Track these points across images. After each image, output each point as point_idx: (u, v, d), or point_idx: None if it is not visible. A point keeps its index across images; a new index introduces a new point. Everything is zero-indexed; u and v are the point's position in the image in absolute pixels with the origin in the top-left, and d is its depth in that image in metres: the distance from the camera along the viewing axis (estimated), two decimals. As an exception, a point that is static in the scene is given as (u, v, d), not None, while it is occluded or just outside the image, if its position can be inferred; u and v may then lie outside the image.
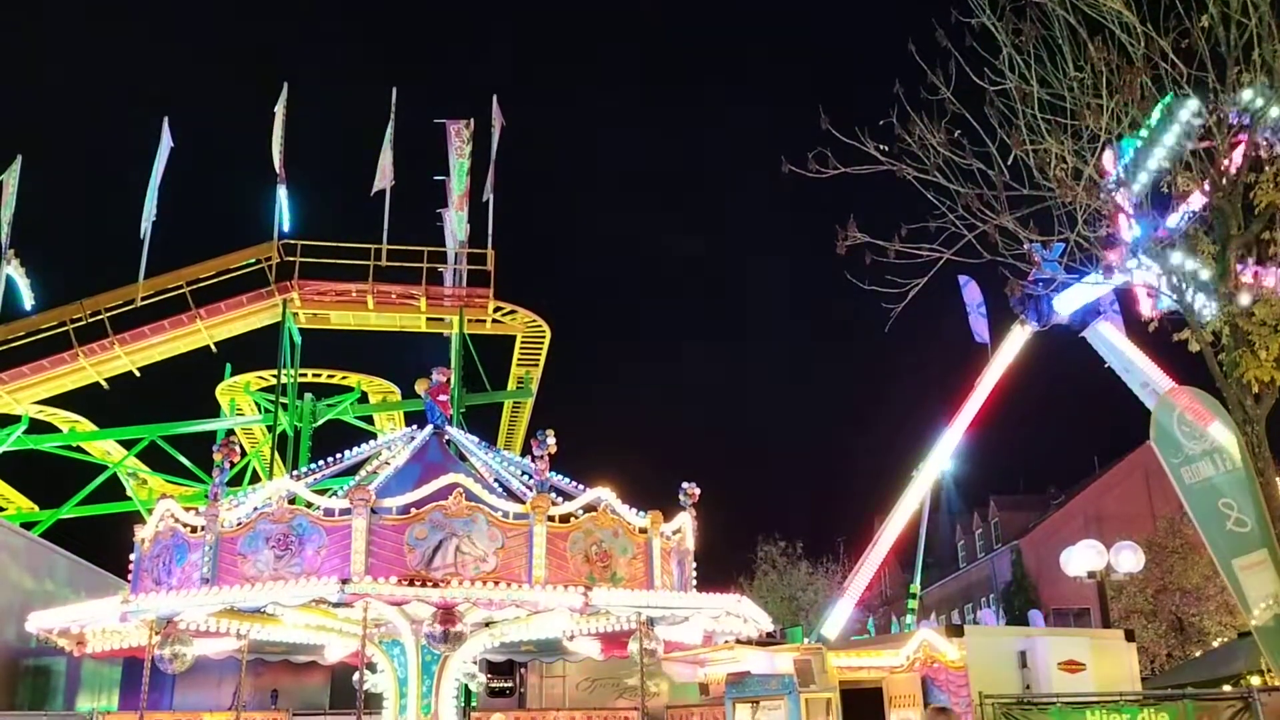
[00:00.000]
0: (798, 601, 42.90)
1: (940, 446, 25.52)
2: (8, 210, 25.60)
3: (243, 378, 29.47)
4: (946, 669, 16.13)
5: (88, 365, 24.91)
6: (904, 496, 25.19)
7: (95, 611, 12.29)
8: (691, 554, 14.14)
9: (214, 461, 12.40)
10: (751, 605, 13.48)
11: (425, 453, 14.52)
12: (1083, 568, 21.83)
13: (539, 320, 27.38)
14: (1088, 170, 10.34)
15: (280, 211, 25.99)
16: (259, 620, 12.94)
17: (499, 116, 27.31)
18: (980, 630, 20.26)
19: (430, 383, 15.45)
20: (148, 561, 12.64)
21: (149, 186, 25.68)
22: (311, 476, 14.16)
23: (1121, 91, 10.20)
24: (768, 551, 45.53)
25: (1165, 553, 30.51)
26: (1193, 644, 29.57)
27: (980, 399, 25.77)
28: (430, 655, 13.03)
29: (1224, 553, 19.61)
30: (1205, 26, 10.20)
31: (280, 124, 26.26)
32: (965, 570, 51.21)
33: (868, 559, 25.19)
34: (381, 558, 11.27)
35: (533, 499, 12.01)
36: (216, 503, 11.96)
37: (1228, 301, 10.46)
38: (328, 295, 26.10)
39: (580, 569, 11.94)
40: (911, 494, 25.17)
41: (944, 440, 25.55)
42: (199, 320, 25.27)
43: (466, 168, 26.81)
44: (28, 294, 25.54)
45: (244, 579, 11.45)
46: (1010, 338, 25.61)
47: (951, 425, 25.63)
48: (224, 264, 25.64)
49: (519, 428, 31.16)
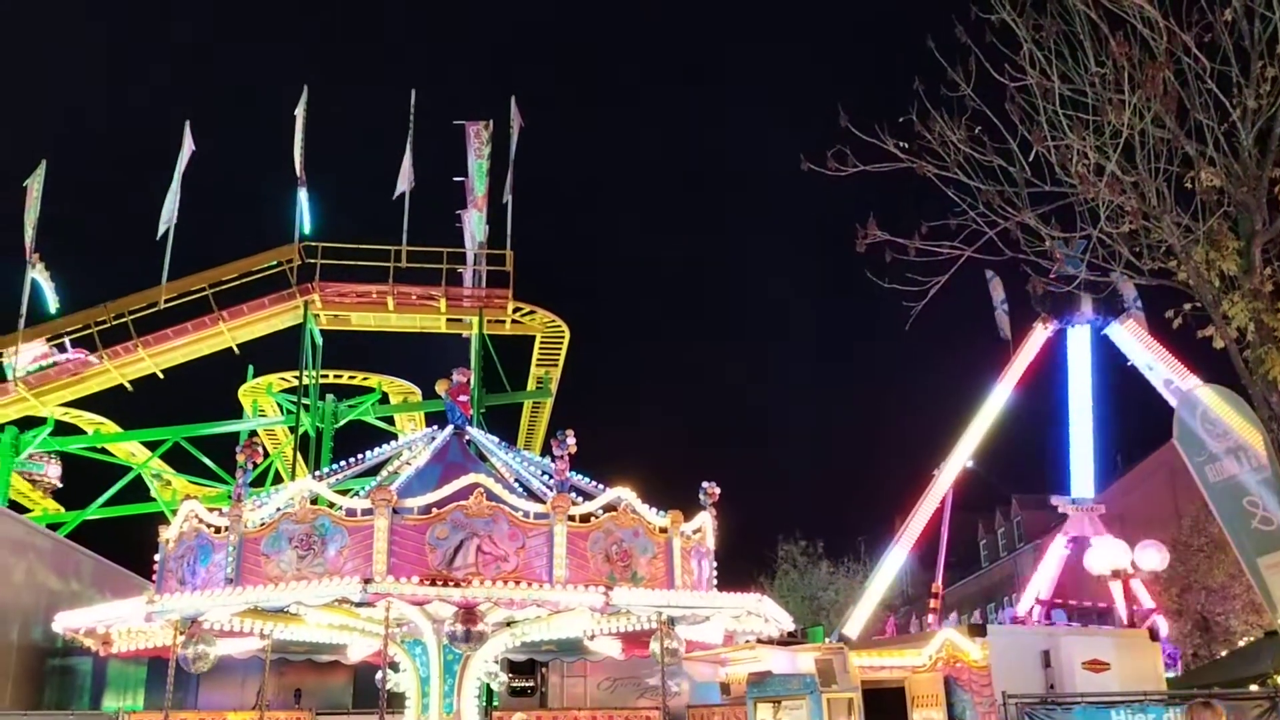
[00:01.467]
0: (819, 601, 42.77)
1: (961, 445, 25.42)
2: (33, 214, 25.85)
3: (265, 379, 29.66)
4: (969, 668, 16.07)
5: (112, 367, 25.12)
6: (925, 495, 25.11)
7: (121, 612, 12.41)
8: (712, 553, 14.13)
9: (237, 462, 12.50)
10: (772, 605, 13.47)
11: (446, 453, 14.58)
12: (1106, 566, 21.70)
13: (558, 320, 27.42)
14: (1110, 166, 10.24)
15: (301, 214, 26.15)
16: (282, 620, 13.03)
17: (518, 118, 27.37)
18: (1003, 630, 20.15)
19: (450, 383, 15.52)
20: (172, 562, 12.75)
21: (170, 189, 25.88)
22: (333, 477, 14.25)
23: (1143, 86, 10.10)
24: (788, 550, 45.42)
25: (1190, 551, 30.20)
26: (1218, 643, 29.27)
27: (1002, 397, 25.66)
28: (452, 655, 13.08)
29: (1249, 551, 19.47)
30: (1229, 20, 10.11)
31: (301, 127, 26.42)
32: (987, 569, 50.94)
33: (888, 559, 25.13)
34: (403, 558, 11.32)
35: (553, 499, 12.04)
36: (240, 503, 12.06)
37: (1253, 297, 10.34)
38: (348, 296, 26.23)
39: (601, 568, 11.96)
40: (933, 493, 25.08)
41: (965, 439, 25.45)
42: (221, 322, 25.44)
43: (486, 169, 26.88)
44: (52, 297, 25.80)
45: (267, 579, 11.53)
46: (1032, 335, 25.49)
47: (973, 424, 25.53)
48: (246, 266, 25.80)
49: (539, 428, 31.21)
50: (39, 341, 25.05)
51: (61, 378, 24.97)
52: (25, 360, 24.70)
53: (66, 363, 25.03)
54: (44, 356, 25.01)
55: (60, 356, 25.09)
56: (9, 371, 24.86)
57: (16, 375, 24.61)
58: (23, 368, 24.65)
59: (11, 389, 24.62)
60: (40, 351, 24.96)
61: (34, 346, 24.92)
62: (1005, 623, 33.72)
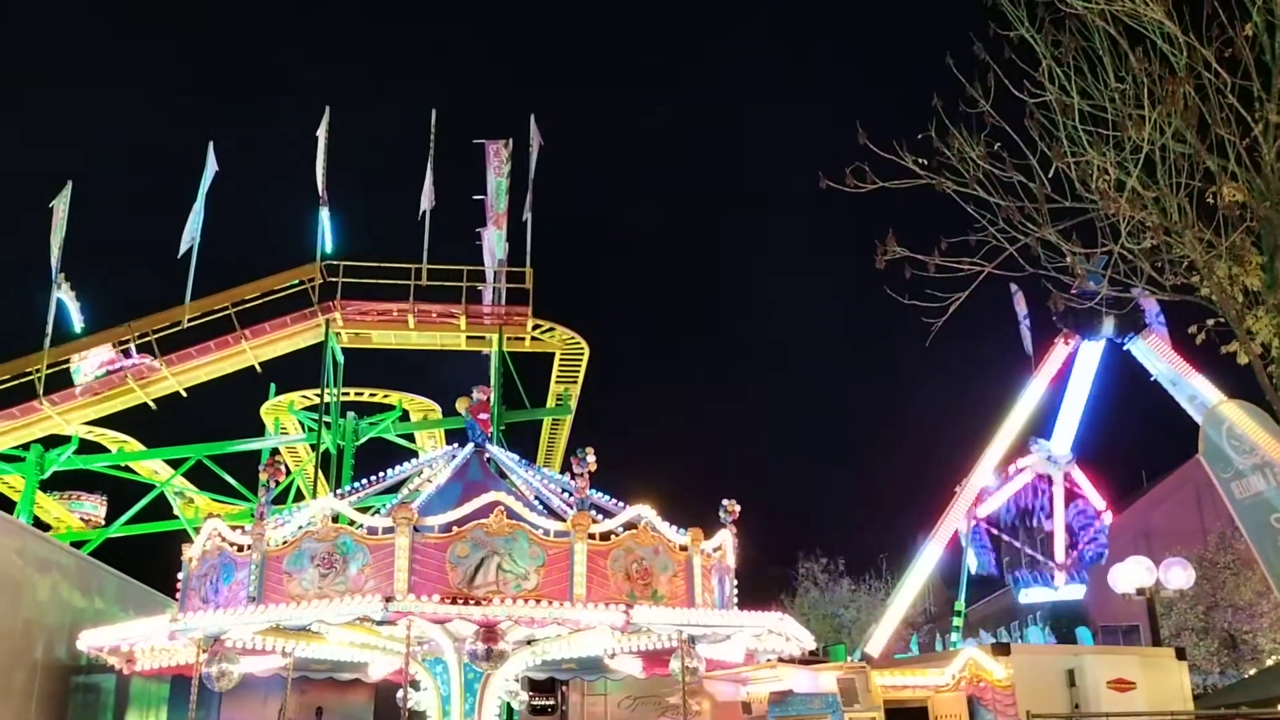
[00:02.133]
0: (840, 619, 42.51)
1: (984, 462, 25.25)
2: (58, 235, 26.13)
3: (286, 397, 29.82)
4: (993, 688, 15.95)
5: (135, 386, 25.34)
6: (948, 512, 24.94)
7: (144, 630, 12.48)
8: (732, 571, 14.10)
9: (260, 481, 12.57)
10: (793, 623, 13.42)
11: (466, 471, 14.63)
12: (1131, 584, 21.50)
13: (577, 338, 27.48)
14: (1130, 182, 10.20)
15: (323, 233, 26.36)
16: (304, 638, 13.07)
17: (537, 136, 27.52)
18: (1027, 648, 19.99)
19: (471, 401, 15.58)
20: (195, 580, 12.82)
21: (193, 209, 26.13)
22: (355, 495, 14.33)
23: (1164, 102, 10.07)
24: (809, 568, 45.19)
25: (1216, 569, 29.91)
26: (1246, 662, 28.92)
27: (1024, 413, 25.50)
28: (473, 673, 13.08)
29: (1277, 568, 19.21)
30: (1249, 35, 10.07)
31: (323, 147, 26.66)
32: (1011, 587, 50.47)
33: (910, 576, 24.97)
34: (424, 575, 11.35)
35: (573, 517, 12.05)
36: (262, 521, 12.13)
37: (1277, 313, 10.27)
38: (369, 315, 26.38)
39: (621, 587, 11.96)
40: (955, 510, 24.91)
41: (987, 455, 25.28)
42: (244, 341, 25.62)
43: (505, 187, 27.04)
44: (77, 317, 26.04)
45: (289, 597, 11.58)
46: (1054, 351, 25.33)
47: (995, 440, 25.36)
48: (268, 285, 25.99)
49: (558, 445, 31.24)
50: (106, 347, 25.34)
51: (126, 383, 25.20)
52: (93, 366, 24.97)
53: (132, 368, 25.28)
54: (111, 362, 25.28)
55: (126, 362, 25.32)
56: (76, 376, 25.17)
57: (85, 381, 24.90)
58: (90, 373, 24.92)
59: (38, 407, 24.86)
60: (107, 357, 25.23)
61: (101, 352, 25.22)
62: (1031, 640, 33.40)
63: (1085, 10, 10.25)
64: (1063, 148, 10.36)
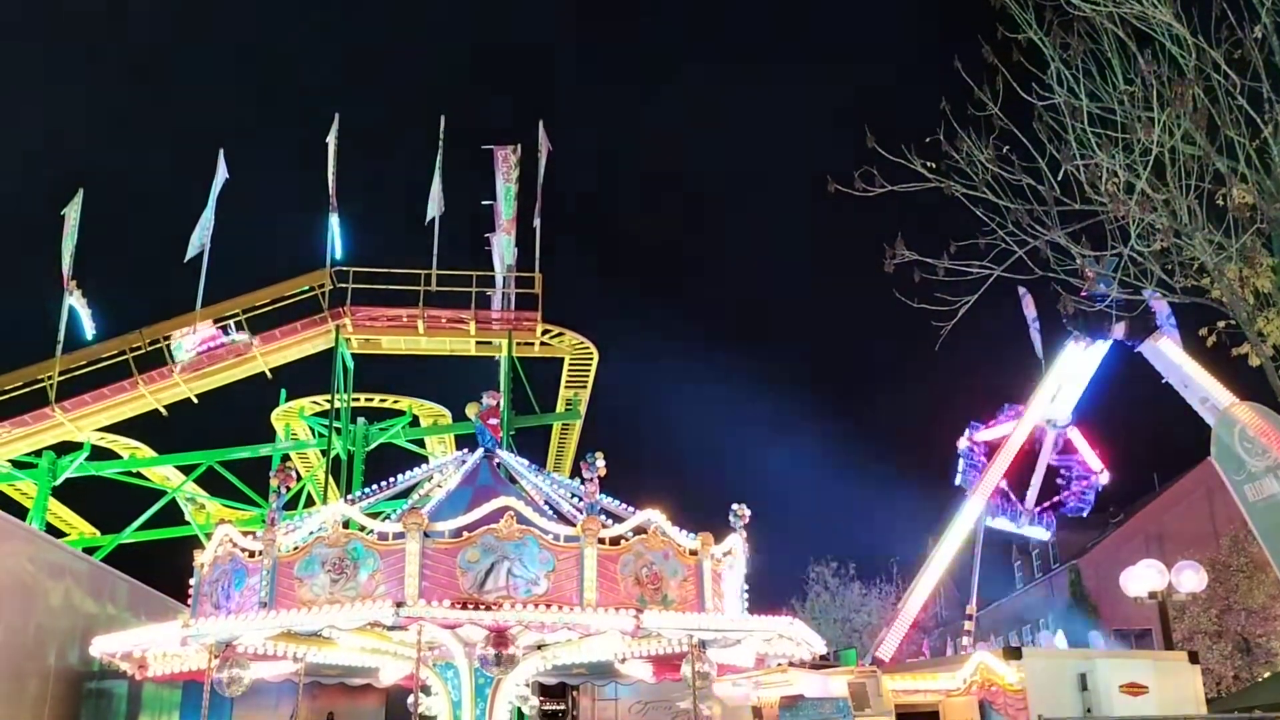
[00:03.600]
0: (851, 623, 42.48)
1: (995, 465, 25.19)
2: (70, 242, 26.28)
3: (297, 403, 29.91)
4: (1005, 692, 15.89)
5: (147, 393, 25.42)
6: (959, 515, 24.88)
7: (156, 635, 12.53)
8: (743, 575, 14.08)
9: (270, 486, 12.61)
10: (804, 627, 13.39)
11: (476, 476, 14.66)
12: (1144, 588, 21.40)
13: (586, 342, 27.50)
14: (1140, 184, 10.18)
15: (333, 239, 26.45)
16: (315, 643, 13.10)
17: (546, 142, 27.58)
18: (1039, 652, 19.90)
19: (480, 406, 15.61)
20: (207, 586, 12.86)
21: (203, 216, 26.25)
22: (365, 500, 14.35)
23: (1173, 104, 10.05)
24: (820, 573, 45.17)
25: (1229, 572, 29.75)
26: (1260, 665, 28.75)
27: (1035, 417, 25.43)
28: (483, 678, 13.08)
29: (1291, 571, 19.10)
30: (1259, 37, 10.05)
31: (333, 154, 26.76)
32: (1023, 591, 50.31)
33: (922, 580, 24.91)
34: (434, 581, 11.37)
35: (583, 521, 12.06)
36: (274, 527, 12.16)
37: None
38: (379, 320, 26.46)
39: (631, 591, 11.95)
40: (966, 514, 24.85)
41: (998, 458, 25.22)
42: (254, 347, 25.72)
43: (514, 192, 27.09)
44: (89, 323, 26.14)
45: (300, 603, 11.60)
46: (1065, 354, 25.27)
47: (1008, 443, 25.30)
48: (279, 292, 26.09)
49: (568, 450, 31.27)
50: (207, 324, 25.58)
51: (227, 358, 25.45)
52: (194, 343, 25.26)
53: (231, 345, 25.53)
54: (212, 339, 25.54)
55: (225, 339, 25.56)
56: (178, 353, 25.39)
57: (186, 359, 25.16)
58: (191, 350, 25.20)
59: (50, 413, 24.98)
60: (209, 334, 25.48)
61: (204, 329, 25.47)
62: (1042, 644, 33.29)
63: (1093, 13, 10.24)
64: (1071, 150, 10.35)
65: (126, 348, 25.43)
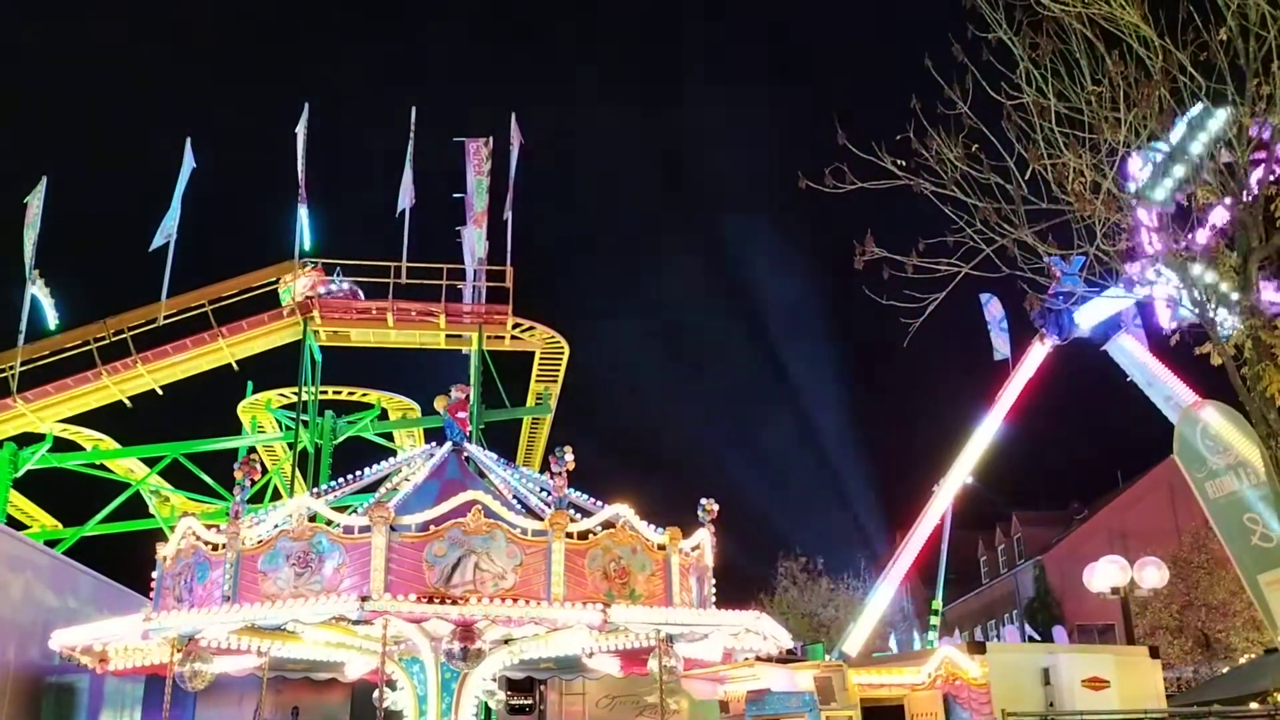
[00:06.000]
0: (818, 618, 42.66)
1: (961, 462, 25.40)
2: (32, 231, 25.88)
3: (264, 395, 29.63)
4: (969, 686, 16.03)
5: (111, 384, 25.10)
6: (925, 512, 25.08)
7: (118, 629, 12.37)
8: (710, 570, 14.10)
9: (235, 479, 12.49)
10: (771, 622, 13.43)
11: (444, 470, 14.57)
12: (1106, 584, 21.67)
13: (557, 336, 27.42)
14: (1106, 184, 10.28)
15: (301, 230, 26.21)
16: (279, 638, 12.99)
17: (518, 135, 27.44)
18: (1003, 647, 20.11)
19: (449, 400, 15.52)
20: (169, 579, 12.73)
21: (171, 206, 25.93)
22: (331, 494, 14.23)
23: (1140, 104, 10.15)
24: (788, 567, 45.33)
25: (1190, 568, 30.20)
26: (1219, 660, 29.21)
27: (1002, 414, 25.66)
28: (450, 673, 13.03)
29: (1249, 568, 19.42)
30: (1224, 40, 10.16)
31: (302, 144, 26.50)
32: (988, 586, 50.83)
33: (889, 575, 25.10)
34: (401, 575, 11.30)
35: (551, 516, 12.03)
36: (237, 520, 12.05)
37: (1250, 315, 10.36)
38: (348, 313, 26.25)
39: (599, 586, 11.94)
40: (933, 509, 25.05)
41: (965, 455, 25.43)
42: (221, 338, 25.43)
43: (486, 185, 26.93)
44: (52, 314, 25.75)
45: (264, 596, 11.51)
46: (1031, 352, 25.50)
47: (972, 441, 25.52)
48: (246, 282, 25.82)
49: (538, 444, 31.17)
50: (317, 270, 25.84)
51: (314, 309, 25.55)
52: (304, 287, 25.45)
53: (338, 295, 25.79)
54: (323, 282, 25.75)
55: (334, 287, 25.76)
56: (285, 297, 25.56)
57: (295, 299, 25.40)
58: (300, 294, 25.38)
59: (11, 404, 24.61)
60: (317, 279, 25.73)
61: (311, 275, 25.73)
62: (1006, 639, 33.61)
63: (1062, 13, 10.31)
64: (1039, 149, 10.42)
65: (90, 338, 25.10)
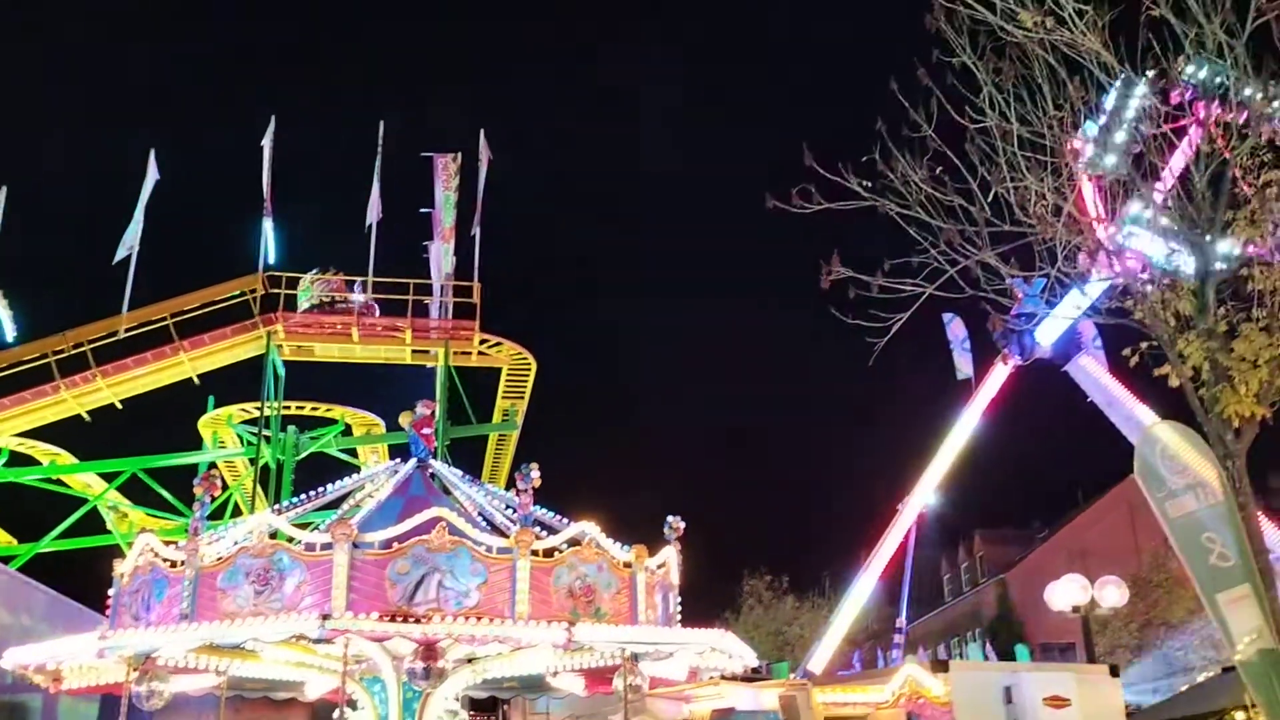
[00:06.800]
0: (784, 636, 42.68)
1: (924, 481, 25.56)
2: (-10, 242, 25.50)
3: (225, 410, 29.29)
4: (932, 704, 16.11)
5: (69, 397, 24.75)
6: (889, 530, 25.20)
7: (72, 647, 12.13)
8: (676, 588, 14.06)
9: (195, 495, 12.32)
10: (736, 640, 13.41)
11: (408, 486, 14.45)
12: (1067, 602, 21.84)
13: (525, 353, 27.37)
14: (1067, 207, 10.45)
15: (266, 243, 26.03)
16: (238, 656, 12.78)
17: (486, 151, 27.46)
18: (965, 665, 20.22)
19: (414, 415, 15.42)
20: (126, 597, 12.51)
21: (133, 218, 25.66)
22: (293, 510, 14.06)
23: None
24: (753, 585, 45.36)
25: (1150, 587, 30.54)
26: (1178, 678, 29.52)
27: (964, 433, 25.86)
28: (412, 692, 12.88)
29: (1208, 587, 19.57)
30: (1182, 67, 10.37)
31: (268, 157, 26.35)
32: (951, 604, 51.08)
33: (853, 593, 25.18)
34: (363, 593, 11.17)
35: (516, 533, 11.95)
36: (197, 537, 11.86)
37: (1207, 337, 10.55)
38: (312, 327, 26.06)
39: (564, 604, 11.87)
40: (897, 528, 25.18)
41: (928, 474, 25.60)
42: (182, 352, 25.16)
43: (454, 201, 26.90)
44: (10, 326, 25.38)
45: (223, 614, 11.33)
46: (993, 372, 25.74)
47: (936, 460, 25.70)
48: (208, 296, 25.60)
49: (504, 461, 31.05)
50: (340, 279, 25.75)
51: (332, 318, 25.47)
52: (321, 289, 25.46)
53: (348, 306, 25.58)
54: (339, 289, 25.64)
55: (354, 297, 25.61)
56: (303, 298, 25.35)
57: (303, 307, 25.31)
58: (317, 297, 25.36)
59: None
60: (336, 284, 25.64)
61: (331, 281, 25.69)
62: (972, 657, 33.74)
63: (1025, 39, 10.49)
64: (1002, 173, 10.58)
65: (49, 350, 24.74)
